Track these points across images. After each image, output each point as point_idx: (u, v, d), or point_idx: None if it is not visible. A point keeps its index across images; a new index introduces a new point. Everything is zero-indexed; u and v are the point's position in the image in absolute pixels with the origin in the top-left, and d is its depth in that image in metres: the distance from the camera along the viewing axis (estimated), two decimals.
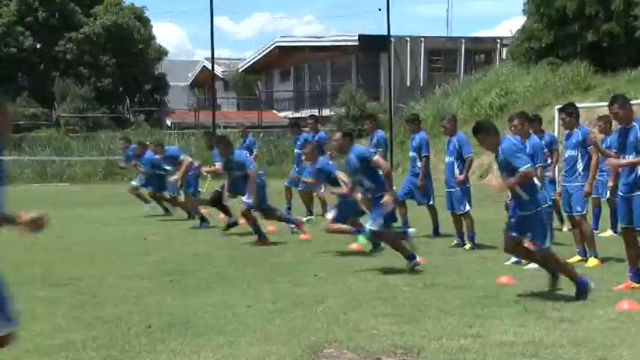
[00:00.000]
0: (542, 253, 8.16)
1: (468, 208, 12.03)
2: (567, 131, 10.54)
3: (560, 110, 10.86)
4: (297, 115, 48.56)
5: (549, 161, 12.20)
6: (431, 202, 13.44)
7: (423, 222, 13.72)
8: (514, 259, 10.00)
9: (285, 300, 8.09)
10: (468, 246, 11.93)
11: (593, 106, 25.31)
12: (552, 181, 12.30)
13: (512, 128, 10.38)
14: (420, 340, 6.34)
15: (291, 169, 17.75)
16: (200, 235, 14.14)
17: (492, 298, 8.08)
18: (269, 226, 15.06)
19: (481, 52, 48.04)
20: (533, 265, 9.47)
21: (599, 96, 27.10)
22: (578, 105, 23.62)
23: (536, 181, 8.29)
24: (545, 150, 11.92)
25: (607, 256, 10.43)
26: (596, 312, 7.30)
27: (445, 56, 47.26)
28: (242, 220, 14.89)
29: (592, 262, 10.09)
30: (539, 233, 8.02)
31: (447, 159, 12.37)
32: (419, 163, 13.25)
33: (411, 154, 13.53)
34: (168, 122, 47.85)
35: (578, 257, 10.38)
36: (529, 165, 8.00)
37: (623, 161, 8.43)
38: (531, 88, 30.78)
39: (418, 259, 10.26)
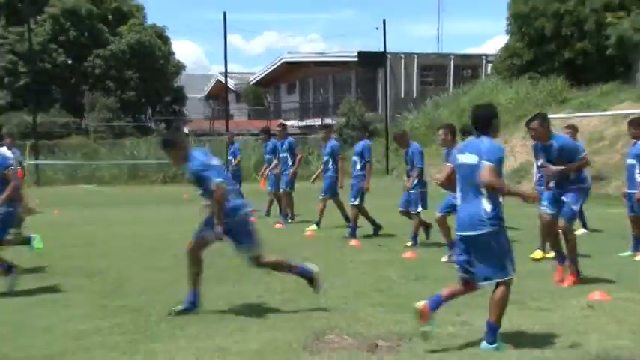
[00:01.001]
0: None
1: (419, 210, 11.76)
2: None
3: (525, 125, 10.52)
4: (302, 123, 48.67)
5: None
6: (356, 202, 12.94)
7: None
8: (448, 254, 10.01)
9: (292, 291, 8.09)
10: (409, 243, 11.69)
11: (569, 117, 25.34)
12: None
13: (440, 138, 10.31)
14: (413, 327, 6.32)
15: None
16: None
17: (478, 289, 8.06)
18: (275, 224, 15.10)
19: (468, 67, 48.01)
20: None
21: (575, 107, 27.13)
22: (554, 116, 23.48)
23: None
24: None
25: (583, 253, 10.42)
26: (570, 302, 7.31)
27: (436, 71, 47.25)
28: None
29: (537, 253, 10.02)
30: None
31: (407, 167, 12.03)
32: (358, 166, 12.95)
33: (354, 158, 13.13)
34: (186, 130, 47.87)
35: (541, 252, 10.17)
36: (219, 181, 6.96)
37: (558, 168, 8.35)
38: (513, 100, 30.79)
39: (409, 252, 10.21)
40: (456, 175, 6.05)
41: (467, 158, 5.90)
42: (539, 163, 9.11)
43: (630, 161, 9.99)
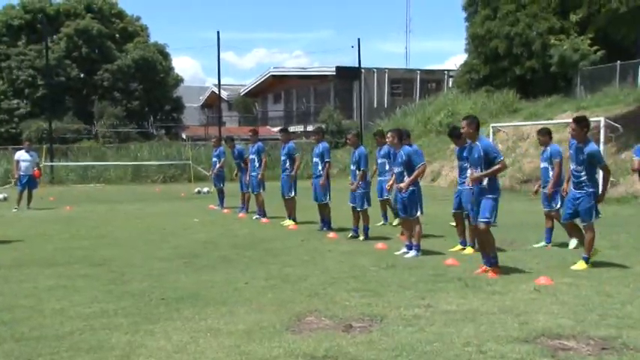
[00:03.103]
0: None
1: (366, 206, 11.52)
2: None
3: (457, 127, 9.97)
4: None
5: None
6: (327, 201, 12.74)
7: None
8: (403, 249, 9.83)
9: (276, 278, 8.03)
10: (361, 237, 11.52)
11: (518, 125, 25.50)
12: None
13: (387, 140, 10.07)
14: (383, 310, 6.31)
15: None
16: (207, 227, 13.99)
17: (440, 275, 8.05)
18: (262, 219, 14.99)
19: (433, 81, 48.18)
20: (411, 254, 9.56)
21: (524, 117, 27.29)
22: (507, 124, 23.48)
23: None
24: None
25: (526, 243, 10.45)
26: (520, 286, 7.31)
27: (404, 84, 47.37)
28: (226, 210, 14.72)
29: (469, 249, 9.88)
30: None
31: (352, 167, 11.69)
32: (320, 167, 12.68)
33: (315, 159, 12.88)
34: (184, 135, 47.66)
35: (459, 246, 10.13)
36: None
37: (480, 174, 8.03)
38: (472, 110, 30.88)
39: (381, 244, 10.20)
40: None
41: None
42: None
43: (544, 164, 10.41)
